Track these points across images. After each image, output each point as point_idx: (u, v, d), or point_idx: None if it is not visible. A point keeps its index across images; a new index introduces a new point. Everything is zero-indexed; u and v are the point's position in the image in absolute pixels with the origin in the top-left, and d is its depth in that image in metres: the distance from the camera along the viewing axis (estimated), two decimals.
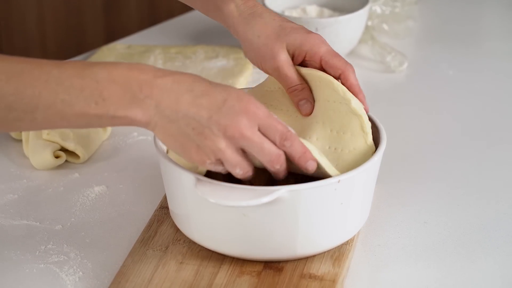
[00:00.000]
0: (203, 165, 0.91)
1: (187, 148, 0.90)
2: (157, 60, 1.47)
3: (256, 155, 0.91)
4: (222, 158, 0.91)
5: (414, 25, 1.67)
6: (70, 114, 0.87)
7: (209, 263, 0.99)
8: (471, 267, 1.01)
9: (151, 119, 0.89)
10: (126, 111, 0.88)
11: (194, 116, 0.89)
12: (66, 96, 0.86)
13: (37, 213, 1.11)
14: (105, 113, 0.88)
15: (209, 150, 0.90)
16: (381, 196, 1.12)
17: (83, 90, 0.87)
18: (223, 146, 0.90)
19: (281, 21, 1.06)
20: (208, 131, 0.89)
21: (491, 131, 1.32)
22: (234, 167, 0.92)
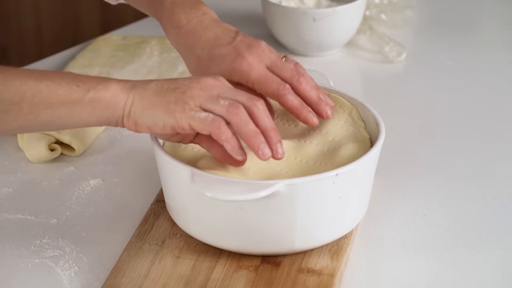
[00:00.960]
0: (184, 111, 0.90)
1: (166, 105, 0.91)
2: (153, 51, 1.46)
3: (233, 96, 0.92)
4: (200, 100, 0.91)
5: (412, 15, 1.66)
6: (54, 100, 0.90)
7: (206, 258, 0.98)
8: (470, 260, 1.01)
9: (128, 93, 0.92)
10: (105, 89, 0.91)
11: (167, 80, 0.93)
12: (50, 82, 0.90)
13: (32, 207, 1.10)
14: (86, 94, 0.90)
15: (186, 96, 0.91)
16: (379, 189, 1.11)
17: (64, 78, 0.91)
18: (198, 90, 0.92)
19: (210, 48, 1.02)
20: (181, 85, 0.93)
21: (491, 123, 1.31)
22: (217, 99, 0.91)
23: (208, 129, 0.91)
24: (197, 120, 0.91)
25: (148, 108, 0.92)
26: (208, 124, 0.91)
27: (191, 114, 0.91)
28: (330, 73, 1.19)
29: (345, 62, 1.50)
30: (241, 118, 0.91)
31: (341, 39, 1.49)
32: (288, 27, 1.47)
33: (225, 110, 0.91)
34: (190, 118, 0.91)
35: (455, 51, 1.54)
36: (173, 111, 0.91)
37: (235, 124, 0.91)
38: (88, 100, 0.91)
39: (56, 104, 0.90)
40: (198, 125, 0.91)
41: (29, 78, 0.89)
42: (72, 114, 0.91)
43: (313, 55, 1.50)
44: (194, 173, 0.92)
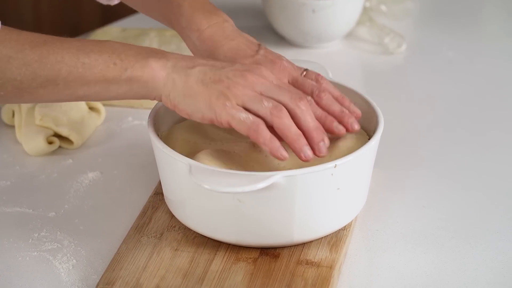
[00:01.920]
0: (224, 108, 0.90)
1: (208, 98, 0.91)
2: (152, 43, 1.46)
3: (276, 96, 0.92)
4: (243, 98, 0.91)
5: (413, 6, 1.65)
6: (90, 78, 0.90)
7: (205, 250, 0.98)
8: (470, 252, 1.00)
9: (168, 75, 0.92)
10: (143, 68, 0.91)
11: (210, 69, 0.92)
12: (86, 59, 0.90)
13: (30, 200, 1.09)
14: (123, 72, 0.91)
15: (229, 93, 0.91)
16: (378, 181, 1.11)
17: (102, 54, 0.90)
18: (242, 87, 0.91)
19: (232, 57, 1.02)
20: (225, 78, 0.92)
21: (491, 114, 1.31)
22: (260, 101, 0.91)
23: (246, 131, 0.91)
24: (237, 120, 0.91)
25: (190, 96, 0.92)
26: (247, 126, 0.91)
27: (232, 113, 0.91)
28: (330, 64, 1.18)
29: (344, 53, 1.49)
30: (284, 121, 0.91)
31: (340, 31, 1.49)
32: (288, 18, 1.46)
33: (268, 113, 0.91)
34: (230, 116, 0.91)
35: (455, 42, 1.53)
36: (214, 106, 0.91)
37: (278, 127, 0.91)
38: (125, 78, 0.91)
39: (92, 81, 0.91)
40: (236, 124, 0.91)
41: (66, 55, 0.89)
42: (108, 90, 0.92)
43: (312, 46, 1.50)
44: (192, 165, 0.92)
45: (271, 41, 1.52)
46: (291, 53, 1.47)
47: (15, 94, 0.89)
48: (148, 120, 1.01)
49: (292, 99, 0.92)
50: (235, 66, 0.94)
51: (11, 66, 0.87)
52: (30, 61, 0.88)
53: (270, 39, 1.52)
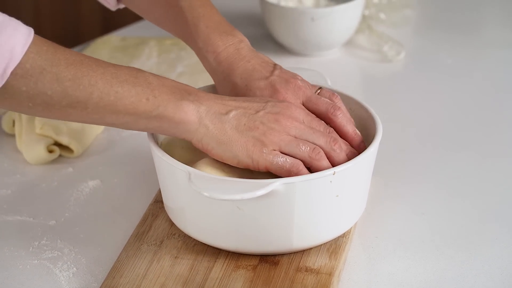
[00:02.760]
0: (261, 154, 0.92)
1: (244, 145, 0.93)
2: (152, 52, 1.46)
3: (311, 139, 0.94)
4: (279, 144, 0.93)
5: (411, 14, 1.65)
6: (120, 108, 0.89)
7: (204, 258, 0.98)
8: (469, 259, 1.00)
9: (200, 121, 0.92)
10: (175, 110, 0.91)
11: (243, 114, 0.94)
12: (119, 88, 0.89)
13: (30, 209, 1.10)
14: (154, 109, 0.90)
15: (265, 139, 0.93)
16: (378, 188, 1.11)
17: (135, 86, 0.90)
18: (277, 133, 0.93)
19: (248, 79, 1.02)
20: (259, 124, 0.93)
21: (490, 121, 1.31)
22: (297, 145, 0.93)
23: (286, 174, 0.93)
24: (275, 165, 0.93)
25: (225, 144, 0.93)
26: (287, 169, 0.93)
27: (269, 159, 0.93)
28: (329, 72, 1.19)
29: (344, 61, 1.50)
30: (323, 164, 0.94)
31: (339, 39, 1.49)
32: (287, 26, 1.46)
33: (307, 156, 0.94)
34: (268, 162, 0.93)
35: (454, 50, 1.54)
36: (251, 153, 0.93)
37: (317, 169, 0.94)
38: (156, 115, 0.91)
39: (122, 112, 0.89)
40: (276, 169, 0.93)
41: (100, 79, 0.88)
42: (137, 123, 0.91)
43: (311, 54, 1.50)
44: (191, 173, 0.92)
45: (271, 49, 1.52)
46: (290, 61, 1.48)
47: (43, 109, 0.87)
48: None
49: (327, 143, 0.95)
50: (267, 107, 0.95)
51: (43, 79, 0.85)
52: (63, 78, 0.86)
53: (270, 48, 1.53)
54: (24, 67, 0.84)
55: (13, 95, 0.85)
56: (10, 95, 0.85)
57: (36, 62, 0.85)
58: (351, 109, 1.07)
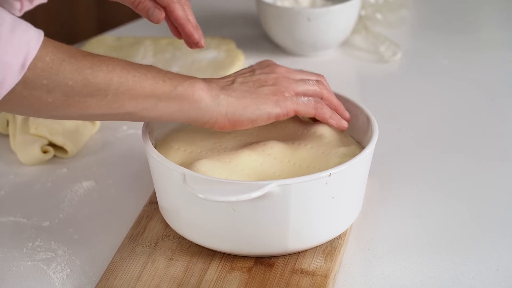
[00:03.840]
0: (285, 98, 0.97)
1: (265, 99, 0.96)
2: (147, 51, 1.45)
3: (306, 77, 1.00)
4: (294, 87, 0.98)
5: (408, 14, 1.65)
6: (139, 91, 0.90)
7: (199, 259, 0.97)
8: (465, 261, 1.00)
9: (217, 95, 0.94)
10: (193, 87, 0.93)
11: (245, 78, 0.98)
12: (136, 73, 0.90)
13: (24, 210, 1.09)
14: (173, 89, 0.92)
15: (282, 87, 0.97)
16: (374, 189, 1.11)
17: (150, 71, 0.92)
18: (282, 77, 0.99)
19: None
20: (264, 80, 0.98)
21: (486, 123, 1.31)
22: (304, 82, 0.99)
23: (313, 111, 0.99)
24: (301, 105, 0.98)
25: (250, 105, 0.95)
26: (312, 107, 0.99)
27: (294, 101, 0.98)
28: (325, 73, 1.18)
29: (340, 62, 1.49)
30: (329, 91, 1.01)
31: (336, 39, 1.49)
32: (283, 27, 1.46)
33: (317, 88, 1.00)
34: (294, 104, 0.98)
35: (451, 50, 1.53)
36: (276, 101, 0.96)
37: (327, 97, 1.01)
38: (175, 96, 0.92)
39: (141, 96, 0.91)
40: (303, 109, 0.99)
41: (116, 66, 0.89)
42: (157, 108, 0.92)
43: (308, 55, 1.50)
44: (186, 174, 0.92)
45: (267, 49, 1.52)
46: (286, 61, 1.47)
47: (62, 103, 0.88)
48: (143, 129, 1.01)
49: (318, 82, 1.01)
50: (257, 70, 1.00)
51: (64, 69, 0.86)
52: (82, 67, 0.87)
53: (266, 48, 1.52)
54: (44, 60, 0.85)
55: (34, 89, 0.86)
56: (30, 91, 0.86)
57: (55, 55, 0.86)
58: (347, 110, 1.06)
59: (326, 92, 1.01)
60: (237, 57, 1.43)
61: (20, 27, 0.84)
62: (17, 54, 0.83)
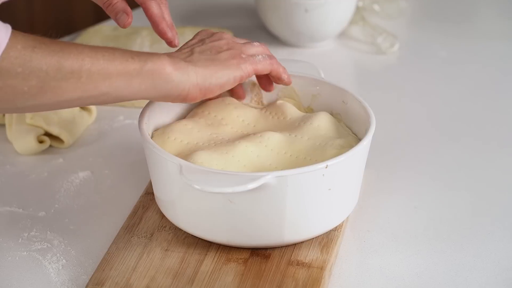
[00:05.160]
0: (245, 63, 0.99)
1: (227, 64, 0.98)
2: (144, 42, 1.45)
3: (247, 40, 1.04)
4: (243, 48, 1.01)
5: (405, 6, 1.64)
6: (112, 70, 0.90)
7: (195, 250, 0.97)
8: (461, 253, 1.00)
9: (185, 66, 0.95)
10: (161, 60, 0.93)
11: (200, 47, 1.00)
12: (104, 53, 0.91)
13: (20, 200, 1.09)
14: (143, 64, 0.92)
15: (237, 51, 1.00)
16: (370, 181, 1.11)
17: (116, 50, 0.92)
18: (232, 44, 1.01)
19: None
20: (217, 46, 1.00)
21: (484, 114, 1.30)
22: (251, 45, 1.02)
23: (269, 67, 1.02)
24: (259, 64, 1.01)
25: (217, 71, 0.97)
26: (269, 63, 1.02)
27: (252, 61, 1.00)
28: (322, 64, 1.18)
29: (337, 53, 1.49)
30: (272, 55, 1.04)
31: (333, 30, 1.48)
32: (280, 18, 1.46)
33: (261, 48, 1.03)
34: (253, 64, 1.00)
35: (448, 41, 1.53)
36: (236, 64, 0.99)
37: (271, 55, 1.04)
38: (147, 71, 0.92)
39: (114, 74, 0.91)
40: (261, 67, 1.01)
41: (85, 48, 0.90)
42: (131, 85, 0.92)
43: (305, 46, 1.49)
44: (183, 165, 0.92)
45: (264, 40, 1.51)
46: (283, 52, 1.47)
47: (38, 90, 0.87)
48: (140, 119, 1.01)
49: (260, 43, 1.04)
50: (204, 40, 1.02)
51: (36, 55, 0.86)
52: (53, 51, 0.87)
53: (263, 39, 1.52)
54: (16, 48, 0.85)
55: (9, 78, 0.85)
56: (5, 81, 0.85)
57: (25, 43, 0.86)
58: (344, 102, 1.06)
59: (269, 51, 1.04)
60: None
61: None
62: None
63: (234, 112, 1.06)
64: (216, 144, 1.01)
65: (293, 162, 0.98)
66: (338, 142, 1.00)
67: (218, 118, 1.05)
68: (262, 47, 1.04)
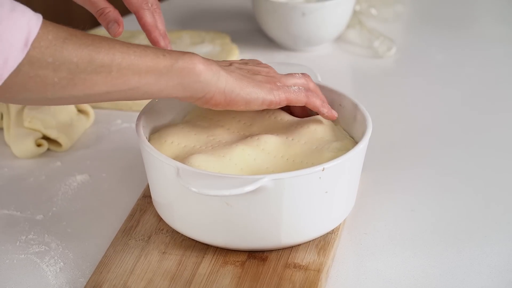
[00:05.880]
0: (279, 89, 1.00)
1: (260, 85, 0.99)
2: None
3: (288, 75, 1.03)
4: (282, 78, 1.01)
5: (402, 10, 1.65)
6: (142, 66, 0.91)
7: (192, 253, 0.97)
8: (458, 256, 1.00)
9: (216, 71, 0.95)
10: (193, 60, 0.93)
11: (240, 65, 1.01)
12: (136, 49, 0.91)
13: (18, 203, 1.09)
14: (174, 62, 0.92)
15: (274, 78, 1.01)
16: (367, 184, 1.11)
17: (148, 47, 0.92)
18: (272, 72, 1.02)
19: None
20: (256, 70, 1.01)
21: (480, 118, 1.31)
22: (292, 76, 1.02)
23: (304, 100, 1.01)
24: (293, 93, 1.00)
25: (246, 87, 0.97)
26: (303, 95, 1.01)
27: (286, 90, 1.00)
28: (319, 68, 1.19)
29: (334, 57, 1.49)
30: (315, 85, 1.04)
31: (330, 34, 1.49)
32: (277, 21, 1.46)
33: (304, 81, 1.03)
34: (286, 93, 1.00)
35: (445, 45, 1.53)
36: (269, 89, 0.99)
37: (314, 89, 1.04)
38: (177, 69, 0.92)
39: (144, 70, 0.91)
40: (294, 97, 1.00)
41: (116, 43, 0.90)
42: (159, 82, 0.92)
43: (302, 49, 1.50)
44: (180, 168, 0.92)
45: (261, 44, 1.52)
46: (280, 56, 1.47)
47: (68, 82, 0.87)
48: (137, 122, 1.01)
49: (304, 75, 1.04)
50: (249, 62, 1.03)
51: (67, 47, 0.86)
52: (84, 43, 0.88)
53: (260, 43, 1.52)
54: (47, 38, 0.85)
55: (40, 68, 0.86)
56: (36, 70, 0.86)
57: (56, 33, 0.86)
58: (341, 105, 1.07)
59: (313, 84, 1.04)
60: (232, 52, 1.43)
61: (20, 8, 0.85)
62: (19, 32, 0.83)
63: (231, 113, 1.06)
64: (213, 147, 1.01)
65: (290, 165, 0.98)
66: (335, 145, 1.00)
67: (215, 120, 1.06)
68: (304, 78, 1.03)
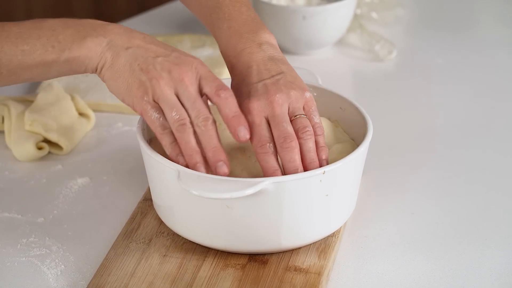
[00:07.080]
0: (141, 101, 0.92)
1: (130, 84, 0.93)
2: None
3: (188, 105, 0.93)
4: (160, 96, 0.92)
5: (403, 13, 1.65)
6: (30, 63, 0.93)
7: (193, 256, 0.97)
8: (458, 258, 1.00)
9: (102, 53, 0.94)
10: (79, 49, 0.93)
11: (142, 54, 0.94)
12: (25, 46, 0.93)
13: (19, 206, 1.09)
14: (61, 55, 0.93)
15: (149, 86, 0.92)
16: (368, 187, 1.11)
17: (40, 38, 0.93)
18: (163, 83, 0.92)
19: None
20: (152, 68, 0.93)
21: (480, 121, 1.31)
22: (171, 108, 0.92)
23: (153, 130, 0.94)
24: (148, 117, 0.93)
25: (116, 78, 0.94)
26: (155, 127, 0.94)
27: (146, 108, 0.93)
28: (320, 71, 1.19)
29: (335, 60, 1.50)
30: (183, 137, 0.92)
31: (331, 38, 1.49)
32: (278, 25, 1.46)
33: (172, 124, 0.93)
34: (144, 110, 0.93)
35: (445, 49, 1.54)
36: (133, 94, 0.93)
37: (178, 139, 0.93)
38: (63, 60, 0.94)
39: (33, 66, 0.93)
40: (148, 120, 0.94)
41: (5, 44, 0.92)
42: (50, 72, 0.95)
43: (303, 53, 1.50)
44: (181, 171, 0.92)
45: None
46: None
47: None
48: (138, 126, 1.01)
49: (198, 118, 0.93)
50: (170, 56, 0.94)
51: None
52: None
53: None
54: None
55: None
56: None
57: None
58: (341, 108, 1.07)
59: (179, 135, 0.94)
60: None
61: None
62: None
63: None
64: None
65: None
66: (336, 147, 1.00)
67: None
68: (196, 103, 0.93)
